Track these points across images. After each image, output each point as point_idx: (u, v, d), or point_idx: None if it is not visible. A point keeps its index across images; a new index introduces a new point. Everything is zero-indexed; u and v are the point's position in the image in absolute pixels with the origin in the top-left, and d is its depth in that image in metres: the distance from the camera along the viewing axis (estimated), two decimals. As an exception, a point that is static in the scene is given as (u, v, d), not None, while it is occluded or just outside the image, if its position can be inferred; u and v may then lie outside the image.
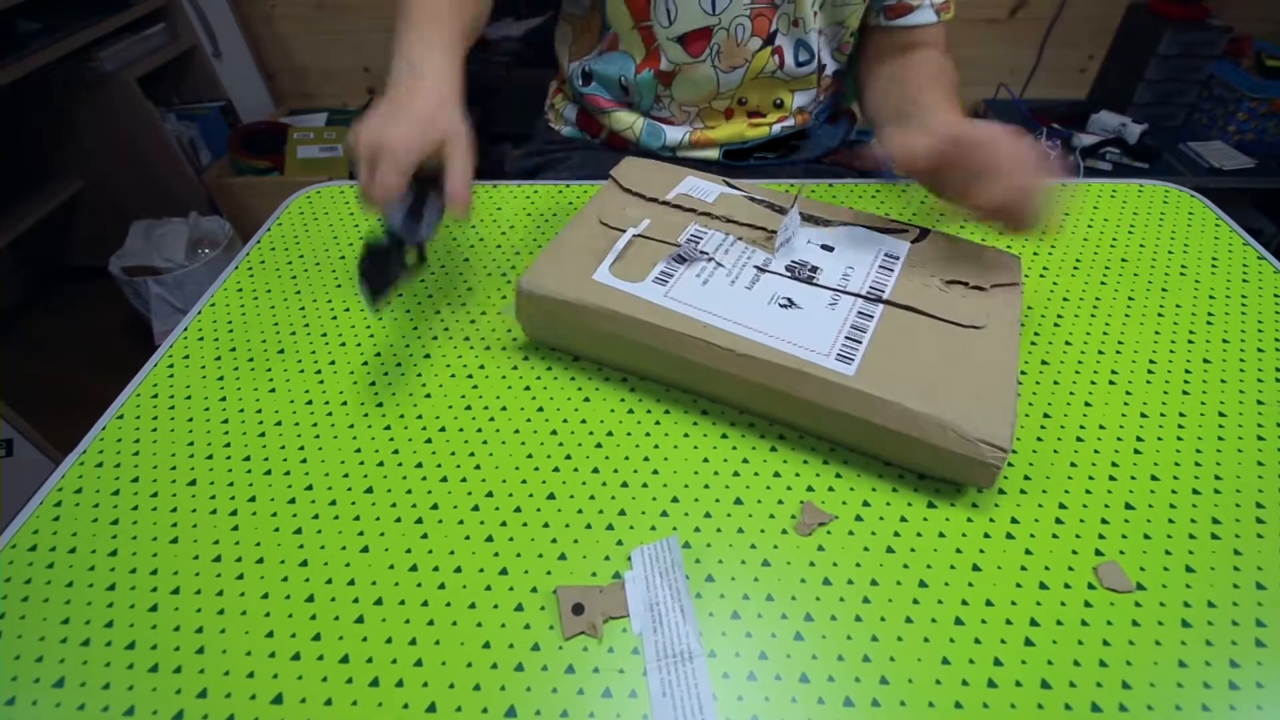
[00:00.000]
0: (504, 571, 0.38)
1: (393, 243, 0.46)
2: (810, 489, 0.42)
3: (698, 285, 0.46)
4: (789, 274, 0.47)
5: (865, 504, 0.41)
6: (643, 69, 0.67)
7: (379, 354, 0.51)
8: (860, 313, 0.44)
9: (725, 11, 0.61)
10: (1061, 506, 0.40)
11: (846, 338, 0.42)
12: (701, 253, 0.48)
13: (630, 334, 0.45)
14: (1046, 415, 0.45)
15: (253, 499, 0.42)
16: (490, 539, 0.40)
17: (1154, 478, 0.42)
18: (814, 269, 0.47)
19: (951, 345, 0.42)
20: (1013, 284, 0.46)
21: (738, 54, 0.64)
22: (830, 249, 0.49)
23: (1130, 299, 0.54)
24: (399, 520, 0.41)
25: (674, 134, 0.70)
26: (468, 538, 0.40)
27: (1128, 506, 0.40)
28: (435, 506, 0.41)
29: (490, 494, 0.42)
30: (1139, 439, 0.44)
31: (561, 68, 0.75)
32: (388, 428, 0.46)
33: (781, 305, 0.44)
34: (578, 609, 0.36)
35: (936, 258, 0.48)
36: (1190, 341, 0.51)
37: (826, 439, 0.44)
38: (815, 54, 0.65)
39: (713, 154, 0.72)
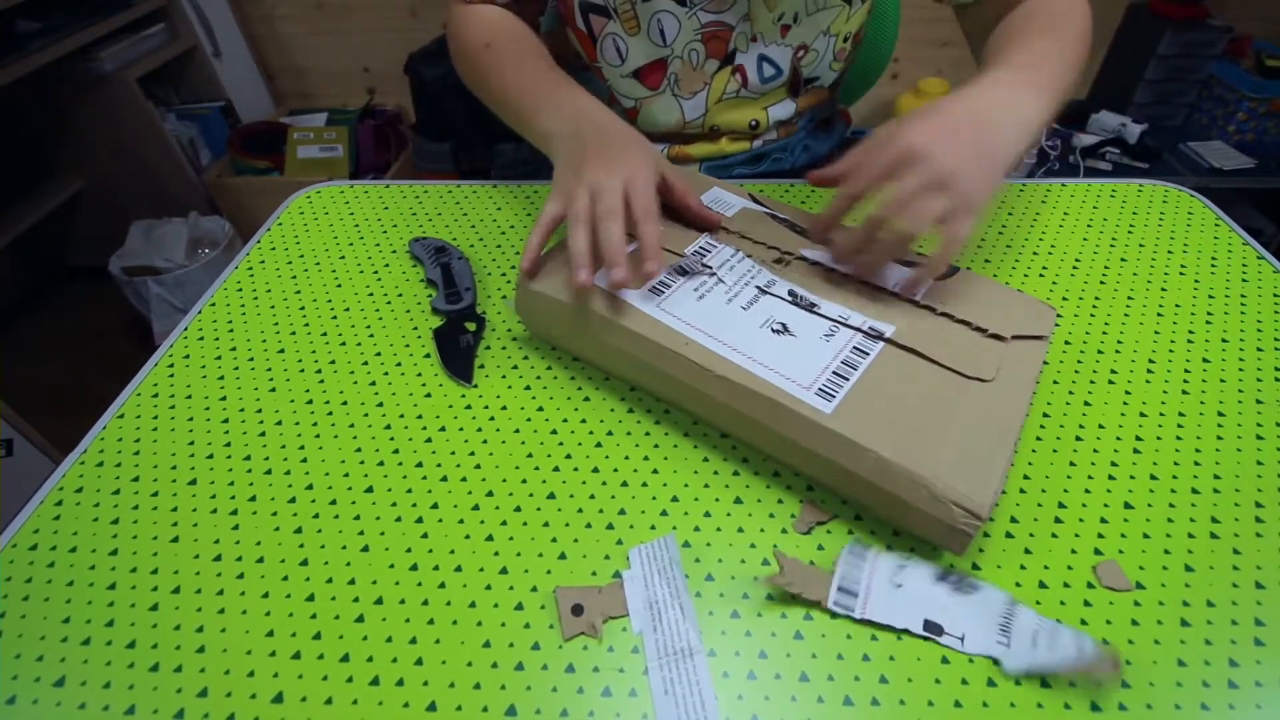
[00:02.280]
0: (504, 571, 0.38)
1: (450, 323, 0.53)
2: (810, 488, 0.42)
3: (693, 299, 0.44)
4: (790, 299, 0.44)
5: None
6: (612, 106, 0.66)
7: (379, 353, 0.52)
8: (856, 348, 0.41)
9: (677, 40, 0.59)
10: (1061, 506, 0.40)
11: (833, 373, 0.39)
12: (705, 266, 0.47)
13: (614, 340, 0.44)
14: (1046, 415, 0.45)
15: (253, 498, 0.42)
16: (490, 538, 0.40)
17: (1153, 477, 0.42)
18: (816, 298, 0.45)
19: (949, 396, 0.38)
20: (1038, 337, 0.42)
21: (696, 78, 0.62)
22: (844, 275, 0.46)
23: (1130, 299, 0.54)
24: (399, 520, 0.41)
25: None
26: (468, 537, 0.40)
27: (1127, 506, 0.40)
28: (435, 506, 0.41)
29: (490, 493, 0.42)
30: (1138, 438, 0.44)
31: None
32: (388, 427, 0.46)
33: (774, 330, 0.42)
34: (577, 610, 0.36)
35: (960, 298, 0.44)
36: (1190, 341, 0.51)
37: (804, 477, 0.42)
38: (782, 69, 0.63)
39: (692, 168, 0.70)
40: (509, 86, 0.57)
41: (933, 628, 0.35)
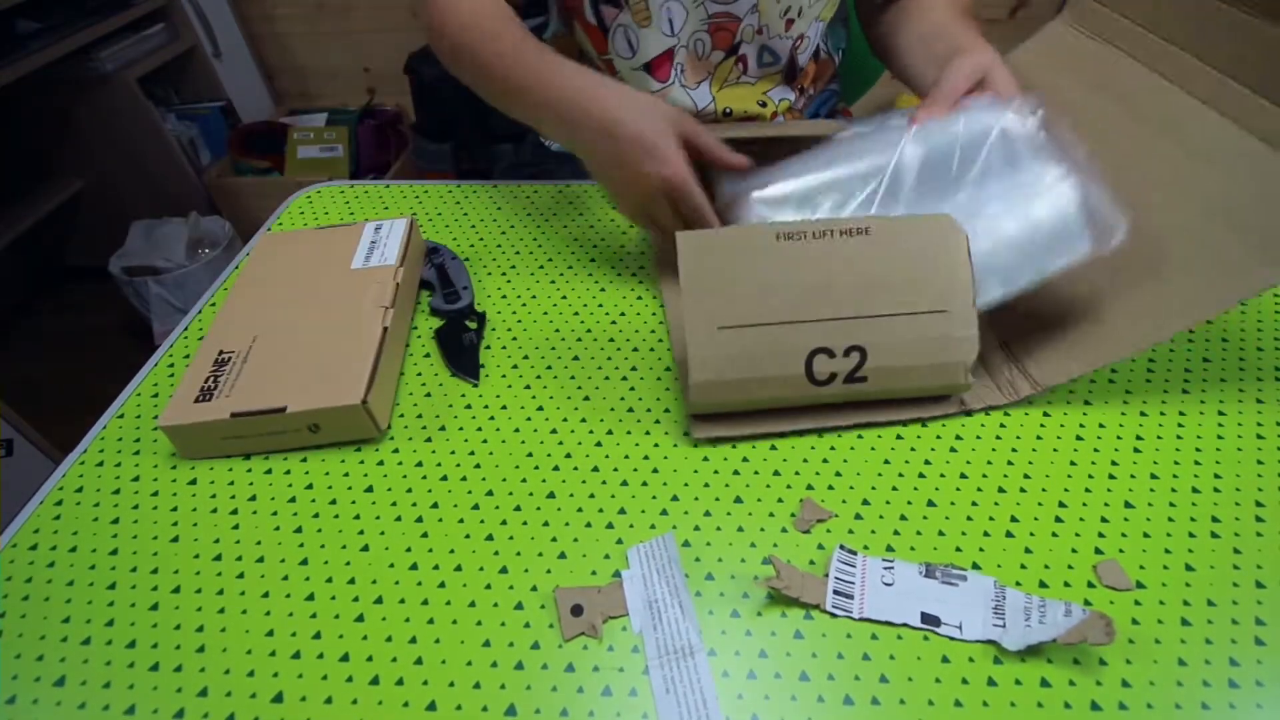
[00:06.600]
0: (504, 570, 0.38)
1: (451, 322, 0.53)
2: (810, 487, 0.42)
3: None
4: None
5: (865, 502, 0.41)
6: None
7: (379, 353, 0.51)
8: None
9: (683, 29, 0.60)
10: (1061, 505, 0.40)
11: None
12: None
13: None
14: (1046, 414, 0.45)
15: (253, 498, 0.42)
16: (490, 538, 0.40)
17: (1154, 476, 0.42)
18: None
19: None
20: None
21: (700, 67, 0.63)
22: None
23: (1130, 298, 0.54)
24: (399, 519, 0.41)
25: None
26: (467, 536, 0.40)
27: (1127, 505, 0.40)
28: (435, 505, 0.41)
29: (490, 493, 0.42)
30: (1138, 438, 0.44)
31: None
32: (387, 426, 0.46)
33: None
34: (577, 610, 0.36)
35: None
36: (1190, 341, 0.50)
37: None
38: (780, 58, 0.65)
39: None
40: (489, 65, 0.54)
41: (930, 619, 0.35)
